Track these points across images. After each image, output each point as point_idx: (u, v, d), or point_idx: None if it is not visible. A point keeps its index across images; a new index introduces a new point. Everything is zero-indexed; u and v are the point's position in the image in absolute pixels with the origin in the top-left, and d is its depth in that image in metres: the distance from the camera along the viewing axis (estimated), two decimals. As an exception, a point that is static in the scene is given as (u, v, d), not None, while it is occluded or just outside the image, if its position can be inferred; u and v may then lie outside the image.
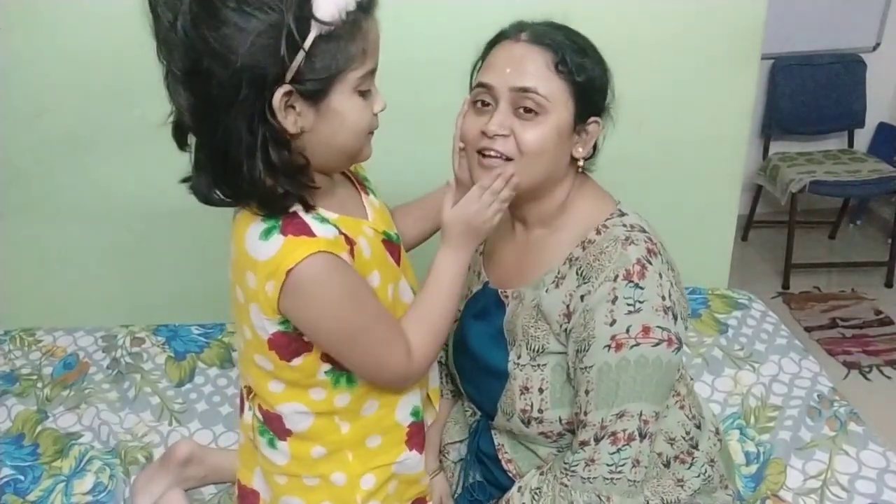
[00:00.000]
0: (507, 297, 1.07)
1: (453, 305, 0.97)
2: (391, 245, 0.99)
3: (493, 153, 0.95)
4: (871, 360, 2.50)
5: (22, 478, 1.33)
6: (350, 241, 0.89)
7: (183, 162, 0.94)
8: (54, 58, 1.69)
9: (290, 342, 0.89)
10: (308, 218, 0.86)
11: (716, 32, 1.79)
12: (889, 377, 2.43)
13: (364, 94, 0.84)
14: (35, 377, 1.61)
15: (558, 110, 0.94)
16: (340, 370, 0.93)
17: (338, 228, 0.88)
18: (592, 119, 0.98)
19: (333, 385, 0.94)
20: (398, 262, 1.01)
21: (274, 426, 0.98)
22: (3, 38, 1.66)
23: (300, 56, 0.75)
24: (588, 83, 0.95)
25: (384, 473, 1.01)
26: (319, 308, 0.85)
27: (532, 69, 0.93)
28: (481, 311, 1.11)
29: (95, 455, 1.37)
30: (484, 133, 0.95)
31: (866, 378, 2.42)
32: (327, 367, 0.93)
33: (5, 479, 1.32)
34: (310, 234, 0.84)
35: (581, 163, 1.00)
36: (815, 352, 2.32)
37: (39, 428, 1.45)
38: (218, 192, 0.85)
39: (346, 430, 0.97)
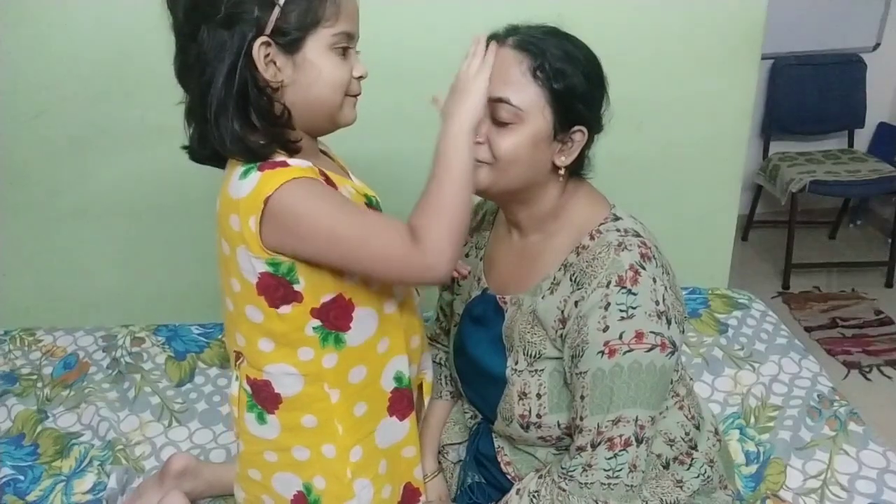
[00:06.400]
0: (505, 303, 1.07)
1: (456, 181, 0.88)
2: (372, 209, 1.00)
3: None
4: (871, 360, 2.49)
5: (22, 478, 1.33)
6: (330, 181, 0.92)
7: (183, 162, 0.95)
8: (54, 58, 1.69)
9: (278, 286, 0.90)
10: (285, 157, 0.90)
11: (716, 32, 1.79)
12: (889, 377, 2.42)
13: (341, 53, 0.89)
14: (35, 377, 1.61)
15: (534, 118, 0.92)
16: (329, 328, 0.94)
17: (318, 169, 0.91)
18: (577, 128, 0.95)
19: (321, 344, 0.94)
20: None
21: (262, 396, 0.98)
22: (3, 38, 1.67)
23: (276, 10, 0.83)
24: (567, 91, 0.92)
25: (369, 444, 1.02)
26: (303, 222, 0.86)
27: (509, 76, 0.92)
28: (480, 316, 1.10)
29: (95, 455, 1.37)
30: None
31: (866, 378, 2.42)
32: (316, 322, 0.93)
33: (5, 479, 1.32)
34: (284, 165, 0.87)
35: (562, 171, 0.98)
36: (815, 352, 2.31)
37: (39, 428, 1.45)
38: (208, 144, 0.89)
39: (336, 398, 0.97)
